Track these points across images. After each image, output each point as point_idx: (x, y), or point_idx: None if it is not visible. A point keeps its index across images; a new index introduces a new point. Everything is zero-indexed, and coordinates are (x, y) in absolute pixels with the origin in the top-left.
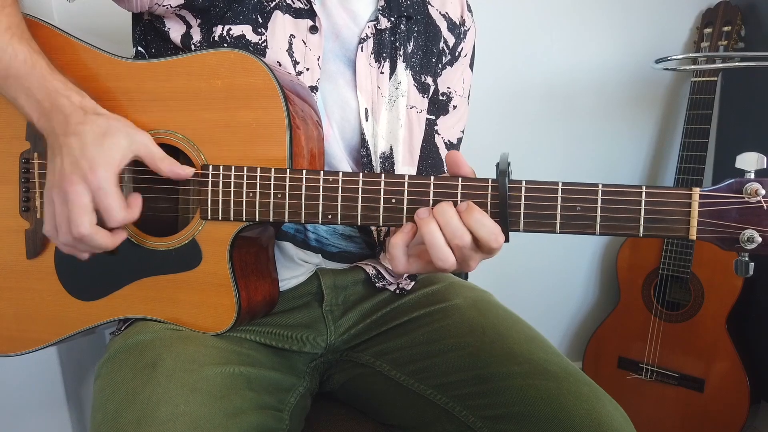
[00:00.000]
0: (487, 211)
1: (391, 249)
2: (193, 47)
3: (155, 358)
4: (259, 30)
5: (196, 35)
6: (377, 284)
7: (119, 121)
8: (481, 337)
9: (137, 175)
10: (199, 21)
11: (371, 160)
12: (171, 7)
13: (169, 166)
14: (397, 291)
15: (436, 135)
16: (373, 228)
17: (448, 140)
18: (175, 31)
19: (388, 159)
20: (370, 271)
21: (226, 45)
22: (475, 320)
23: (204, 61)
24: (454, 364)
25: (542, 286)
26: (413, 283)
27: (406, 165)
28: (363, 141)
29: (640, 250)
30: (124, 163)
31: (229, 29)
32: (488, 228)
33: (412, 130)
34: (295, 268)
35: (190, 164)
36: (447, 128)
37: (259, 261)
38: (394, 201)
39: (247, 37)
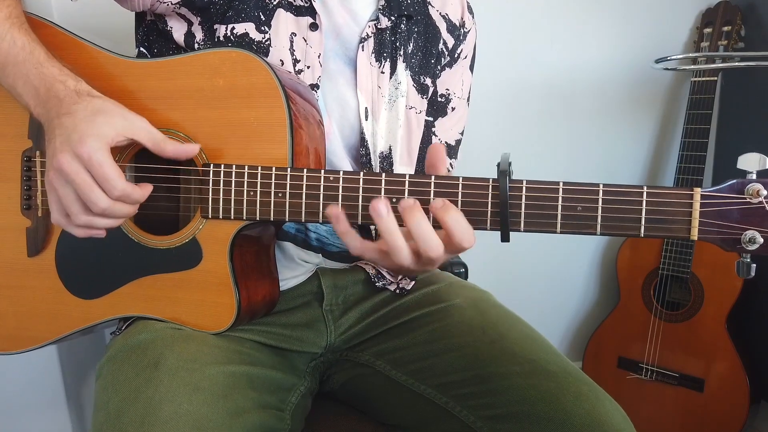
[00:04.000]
0: (487, 211)
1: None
2: (196, 46)
3: (157, 357)
4: (263, 28)
5: (198, 34)
6: (377, 284)
7: (115, 105)
8: (481, 337)
9: (138, 174)
10: (199, 19)
11: (370, 159)
12: (171, 4)
13: (173, 147)
14: (397, 291)
15: (433, 137)
16: (373, 228)
17: (445, 142)
18: (178, 30)
19: (386, 159)
20: (370, 270)
21: (230, 45)
22: (475, 320)
23: (206, 60)
24: (454, 364)
25: (542, 286)
26: (413, 282)
27: (403, 165)
28: (362, 140)
29: (640, 250)
30: (116, 141)
31: (233, 28)
32: (464, 228)
33: (410, 130)
34: (295, 267)
35: (191, 164)
36: (444, 130)
37: (260, 260)
38: (394, 200)
39: (250, 35)
